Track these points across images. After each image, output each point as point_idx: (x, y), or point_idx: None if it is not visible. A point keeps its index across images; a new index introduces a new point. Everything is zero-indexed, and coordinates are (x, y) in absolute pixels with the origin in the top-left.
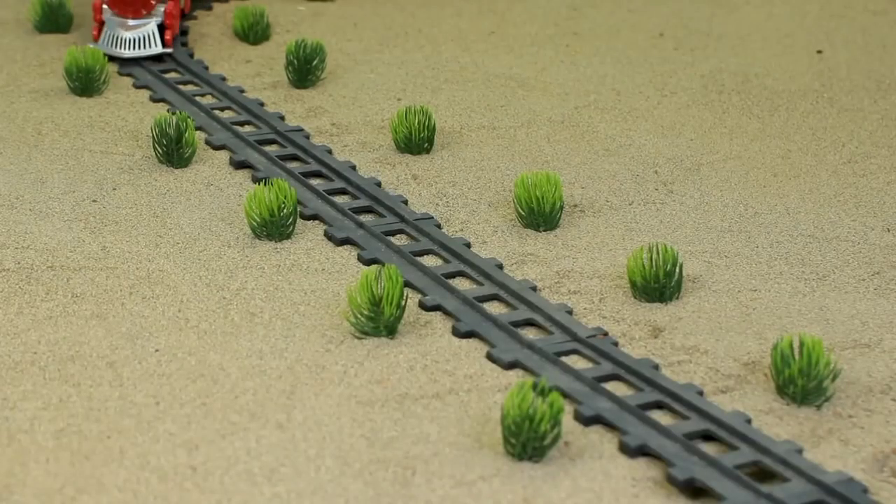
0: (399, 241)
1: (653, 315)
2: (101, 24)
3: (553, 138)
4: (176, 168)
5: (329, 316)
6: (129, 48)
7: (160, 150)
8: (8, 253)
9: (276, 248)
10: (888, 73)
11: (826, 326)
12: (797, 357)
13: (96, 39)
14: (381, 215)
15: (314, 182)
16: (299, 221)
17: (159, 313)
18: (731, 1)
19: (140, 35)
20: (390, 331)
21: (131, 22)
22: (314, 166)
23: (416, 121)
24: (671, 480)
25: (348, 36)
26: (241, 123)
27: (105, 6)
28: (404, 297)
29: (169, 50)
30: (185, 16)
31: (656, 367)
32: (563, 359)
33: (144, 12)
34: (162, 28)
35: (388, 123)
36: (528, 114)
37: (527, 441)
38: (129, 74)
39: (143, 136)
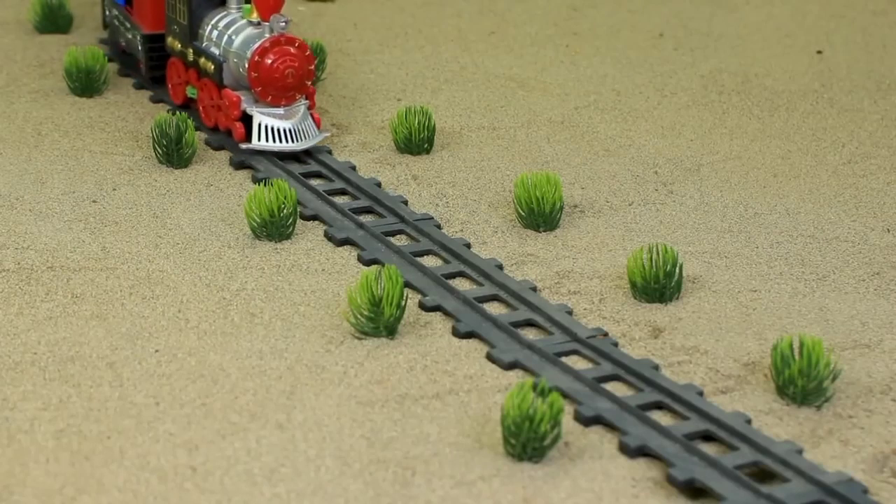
0: (399, 241)
1: (653, 315)
2: (242, 118)
3: (553, 138)
4: (176, 168)
5: (329, 316)
6: (292, 140)
7: (160, 151)
8: (8, 253)
9: (276, 249)
10: (888, 73)
11: (826, 327)
12: (797, 357)
13: (242, 139)
14: (381, 216)
15: (314, 182)
16: (299, 222)
17: (159, 314)
18: (731, 1)
19: (300, 124)
20: (390, 331)
21: (283, 110)
22: (314, 167)
23: (416, 121)
24: (671, 481)
25: (348, 36)
26: None
27: (244, 97)
28: (404, 298)
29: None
30: None
31: (656, 367)
32: (563, 359)
33: (299, 97)
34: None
35: (388, 124)
36: (528, 114)
37: (527, 441)
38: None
39: (143, 137)
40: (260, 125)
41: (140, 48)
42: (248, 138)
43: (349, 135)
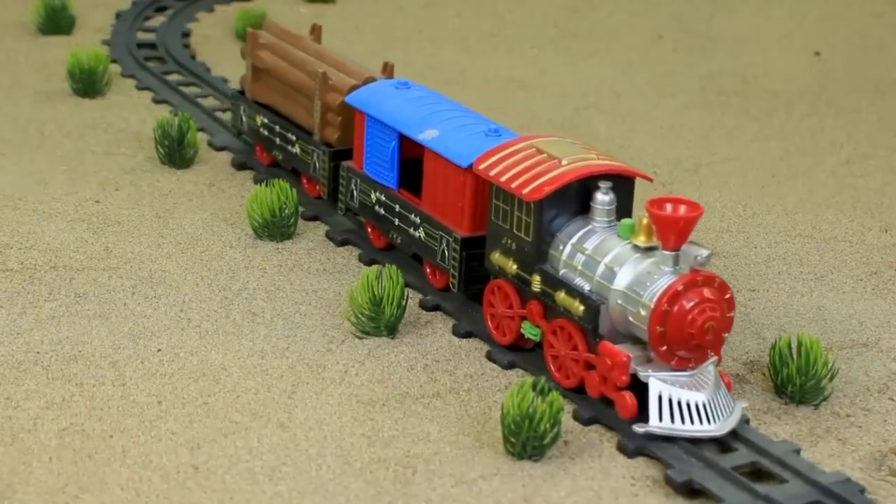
0: None
1: None
2: (630, 384)
3: None
4: (178, 169)
5: (330, 316)
6: (708, 419)
7: (162, 151)
8: (11, 253)
9: (278, 249)
10: (886, 74)
11: (824, 326)
12: (795, 357)
13: (634, 415)
14: None
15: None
16: (300, 222)
17: (161, 313)
18: (730, 3)
19: (716, 395)
20: (391, 330)
21: (689, 374)
22: None
23: None
24: (669, 482)
25: (349, 38)
26: None
27: (633, 353)
28: (405, 297)
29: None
30: None
31: None
32: None
33: (711, 354)
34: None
35: None
36: (528, 115)
37: (527, 440)
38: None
39: (146, 137)
40: (661, 398)
41: (447, 250)
42: (642, 414)
43: None
